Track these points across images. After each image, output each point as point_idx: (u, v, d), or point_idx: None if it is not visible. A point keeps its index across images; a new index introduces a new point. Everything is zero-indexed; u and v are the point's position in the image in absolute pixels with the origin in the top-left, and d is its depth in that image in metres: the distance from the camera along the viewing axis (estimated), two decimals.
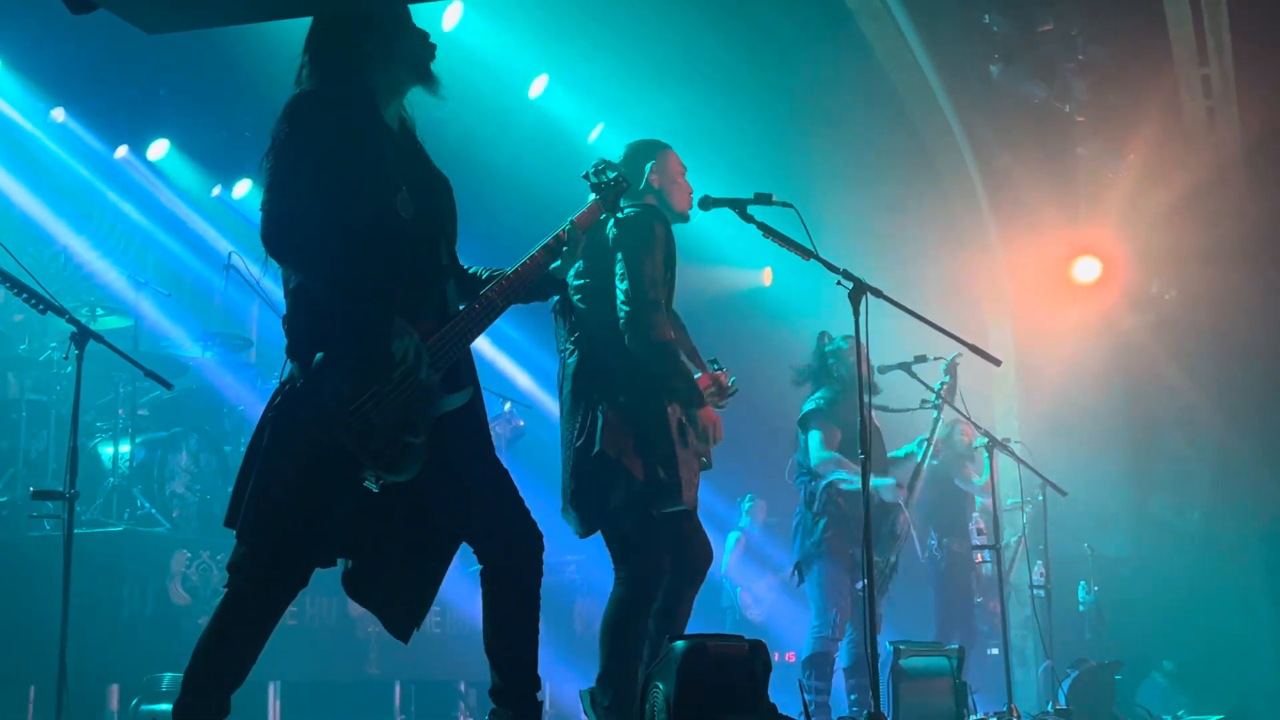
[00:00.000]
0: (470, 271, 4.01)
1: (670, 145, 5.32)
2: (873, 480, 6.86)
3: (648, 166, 5.18)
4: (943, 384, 7.37)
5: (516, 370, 11.92)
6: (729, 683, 3.68)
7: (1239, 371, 12.68)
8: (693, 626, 4.86)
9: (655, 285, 4.88)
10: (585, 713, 4.88)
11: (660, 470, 4.81)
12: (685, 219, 5.26)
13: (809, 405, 7.26)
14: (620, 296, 4.88)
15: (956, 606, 8.99)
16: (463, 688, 9.15)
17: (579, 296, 5.00)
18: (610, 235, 4.96)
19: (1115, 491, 12.32)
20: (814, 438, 7.12)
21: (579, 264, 4.73)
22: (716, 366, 5.25)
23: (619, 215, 4.94)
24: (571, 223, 4.24)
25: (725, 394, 5.18)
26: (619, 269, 4.90)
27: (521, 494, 3.78)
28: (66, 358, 5.16)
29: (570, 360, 5.01)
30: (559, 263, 4.14)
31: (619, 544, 4.89)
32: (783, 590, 11.48)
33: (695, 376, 5.01)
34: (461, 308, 3.81)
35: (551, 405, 11.47)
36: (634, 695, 4.72)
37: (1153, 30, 10.62)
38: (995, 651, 9.01)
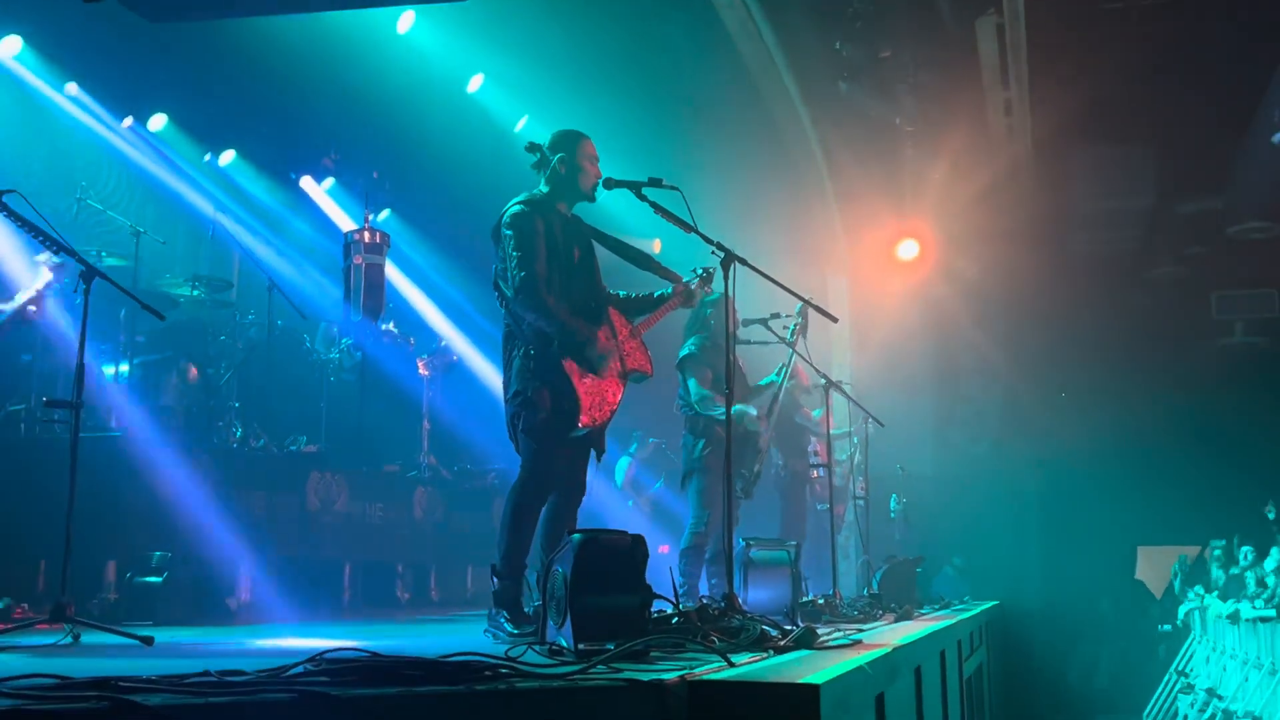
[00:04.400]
0: None
1: (588, 135, 5.25)
2: (738, 407, 6.98)
3: (562, 153, 5.13)
4: (796, 324, 7.40)
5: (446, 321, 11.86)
6: (615, 568, 3.71)
7: (1026, 331, 13.09)
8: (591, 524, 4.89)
9: (530, 262, 4.84)
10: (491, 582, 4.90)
11: (564, 402, 4.85)
12: (590, 198, 5.19)
13: (684, 351, 7.23)
14: (509, 276, 4.90)
15: (795, 514, 9.12)
16: (400, 569, 9.14)
17: (499, 279, 5.00)
18: (503, 231, 4.96)
19: (923, 424, 12.58)
20: (692, 382, 7.13)
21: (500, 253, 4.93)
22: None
23: (503, 212, 4.96)
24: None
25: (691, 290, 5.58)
26: (504, 254, 4.94)
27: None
28: (76, 291, 5.01)
29: (502, 328, 5.07)
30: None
31: (527, 456, 4.91)
32: (660, 499, 11.63)
33: (584, 322, 4.97)
34: None
35: (475, 343, 11.50)
36: (522, 565, 4.84)
37: (968, 61, 10.78)
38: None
